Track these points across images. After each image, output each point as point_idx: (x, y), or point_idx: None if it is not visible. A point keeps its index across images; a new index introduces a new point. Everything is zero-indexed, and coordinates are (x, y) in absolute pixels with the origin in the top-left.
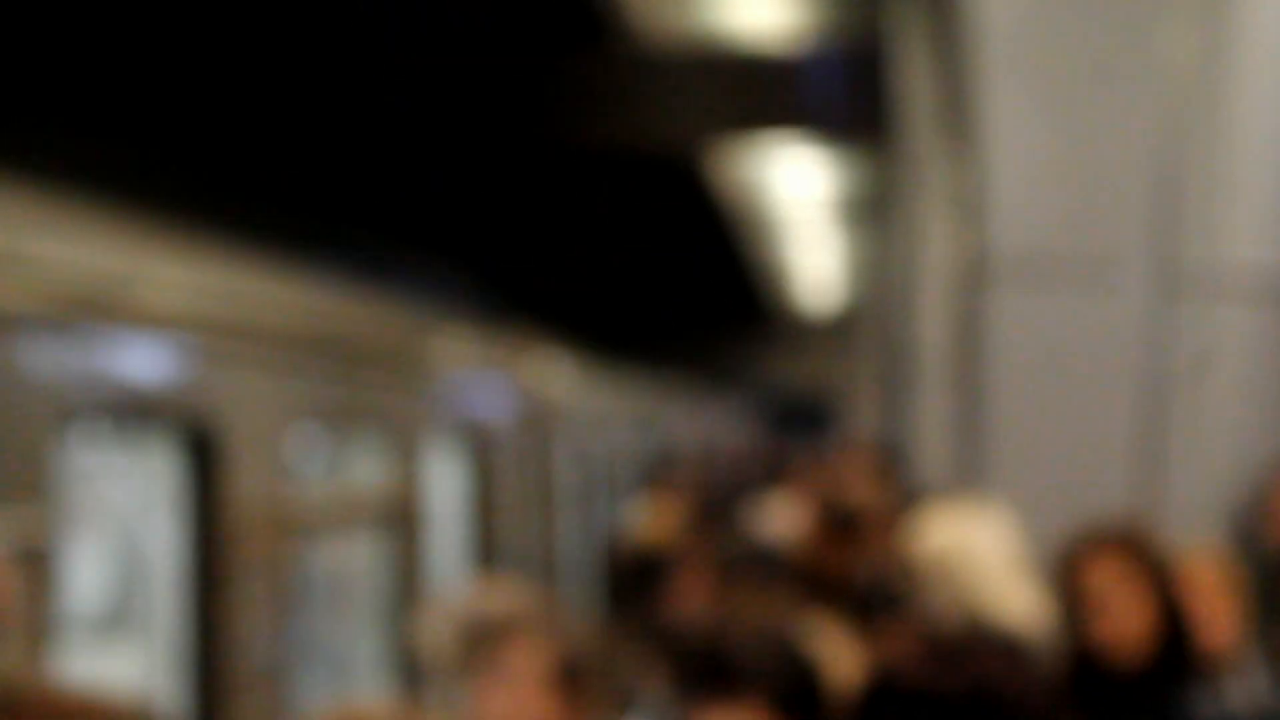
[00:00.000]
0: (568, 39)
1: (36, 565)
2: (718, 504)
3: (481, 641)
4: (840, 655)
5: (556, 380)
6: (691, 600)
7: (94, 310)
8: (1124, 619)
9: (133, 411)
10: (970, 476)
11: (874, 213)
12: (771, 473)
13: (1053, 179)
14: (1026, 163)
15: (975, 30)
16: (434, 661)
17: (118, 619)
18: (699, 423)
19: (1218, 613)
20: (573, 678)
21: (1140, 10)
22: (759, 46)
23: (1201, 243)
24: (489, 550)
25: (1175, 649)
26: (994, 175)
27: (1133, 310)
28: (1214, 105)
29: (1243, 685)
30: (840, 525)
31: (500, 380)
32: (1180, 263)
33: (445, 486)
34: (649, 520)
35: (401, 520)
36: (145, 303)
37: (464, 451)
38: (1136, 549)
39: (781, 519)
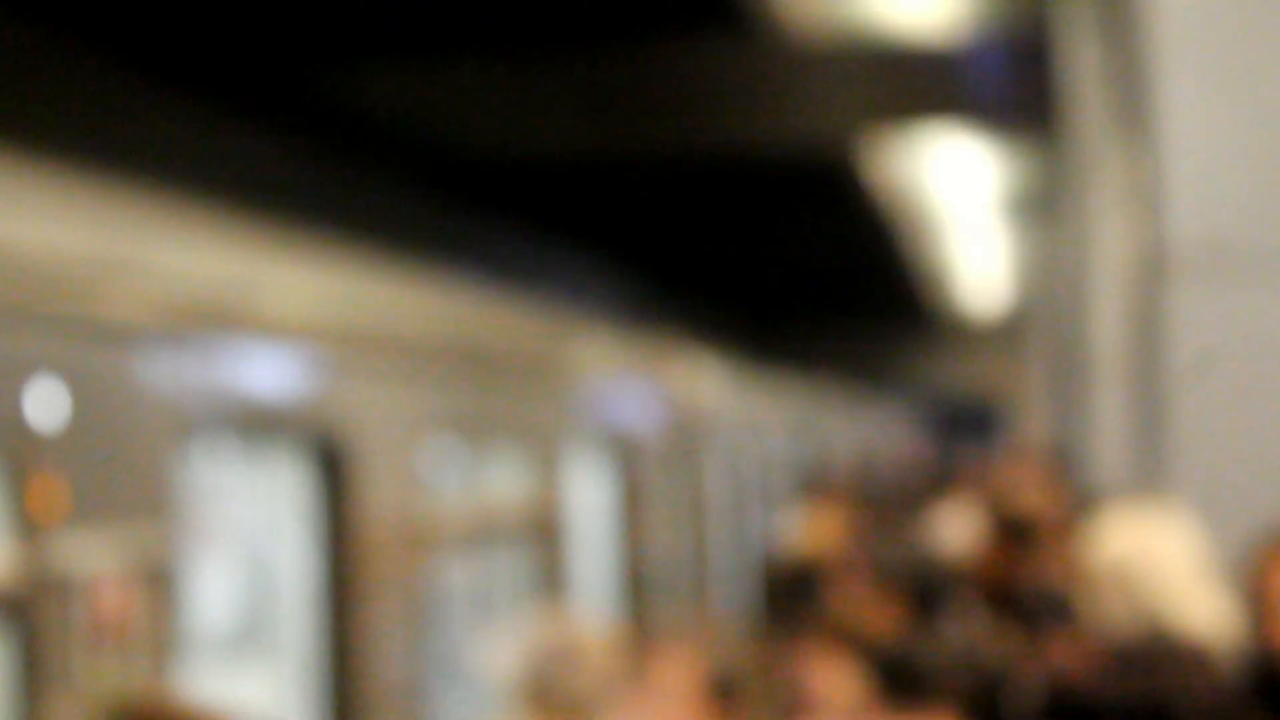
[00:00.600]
0: (713, 33)
1: (161, 583)
2: (879, 513)
3: (632, 659)
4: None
5: (707, 386)
6: (853, 609)
7: (218, 320)
8: None
9: (259, 425)
10: (1150, 480)
11: (1042, 208)
12: (937, 480)
13: (1234, 167)
14: (1206, 150)
15: (1149, 11)
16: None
17: (248, 637)
18: (858, 429)
19: None
20: (724, 691)
21: None
22: (915, 36)
23: None
24: (637, 562)
25: None
26: (1171, 164)
27: None
28: None
29: None
30: (1013, 534)
31: (648, 387)
32: None
33: (591, 497)
34: (807, 530)
35: (543, 533)
36: (271, 311)
37: (610, 461)
38: None
39: (951, 528)
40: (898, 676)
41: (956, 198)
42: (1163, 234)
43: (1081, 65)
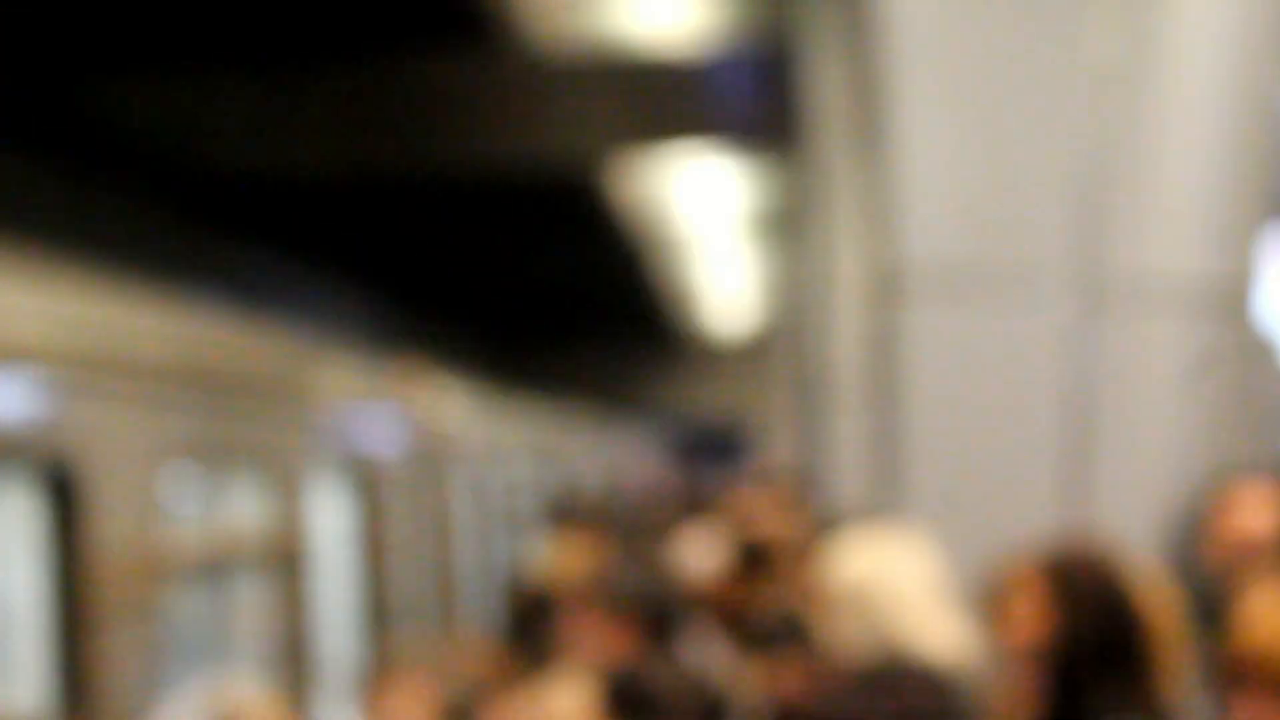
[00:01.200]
0: (458, 48)
1: None
2: (627, 539)
3: (368, 688)
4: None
5: (452, 410)
6: (589, 639)
7: None
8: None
9: None
10: (887, 502)
11: (786, 228)
12: (682, 505)
13: (970, 187)
14: (942, 170)
15: (887, 30)
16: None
17: None
18: (605, 454)
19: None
20: (455, 715)
21: (1061, 11)
22: (661, 52)
23: (1125, 252)
24: (380, 589)
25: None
26: (907, 183)
27: (1055, 323)
28: (1138, 109)
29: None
30: (750, 558)
31: (392, 411)
32: (1103, 273)
33: (333, 523)
34: (552, 557)
35: (284, 560)
36: None
37: (353, 487)
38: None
39: (691, 553)
40: (626, 699)
41: (702, 217)
42: (898, 252)
43: (822, 82)
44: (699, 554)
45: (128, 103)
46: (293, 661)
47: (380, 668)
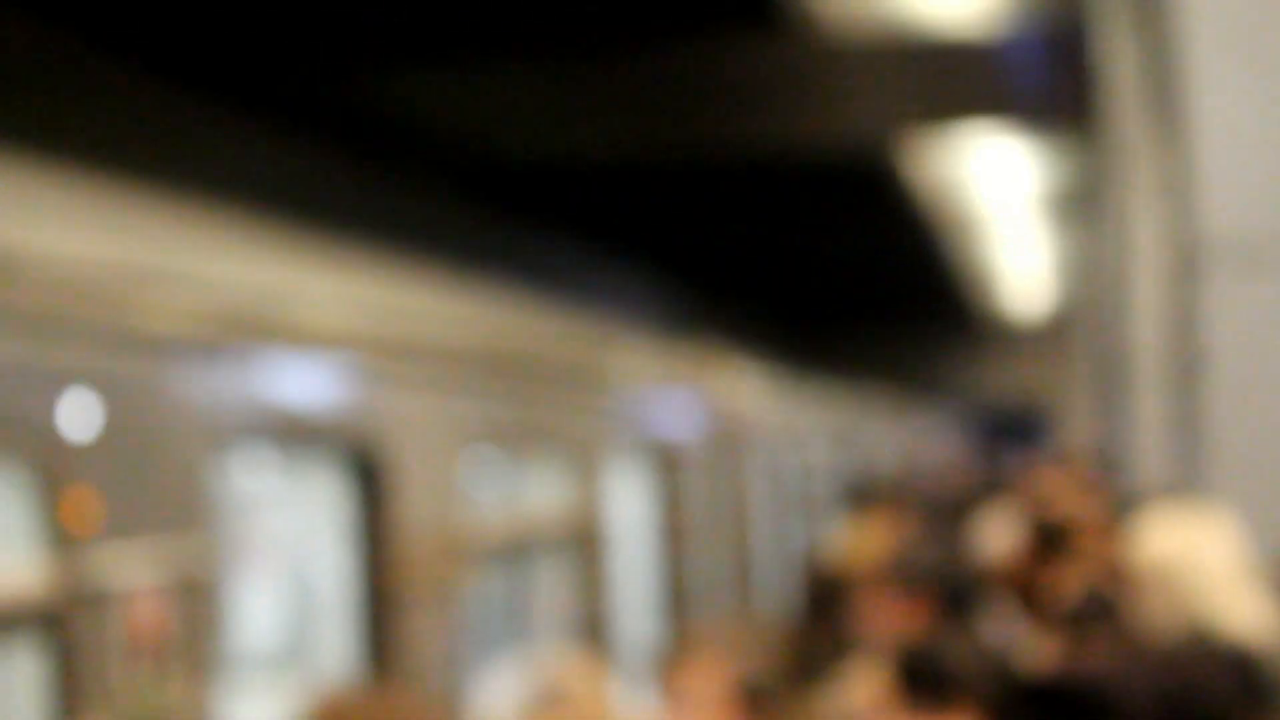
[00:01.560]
0: (749, 31)
1: (199, 596)
2: (925, 519)
3: (665, 668)
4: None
5: (748, 394)
6: (884, 618)
7: (253, 330)
8: None
9: (297, 436)
10: (1191, 481)
11: (1084, 207)
12: (981, 488)
13: (1270, 158)
14: (1241, 143)
15: (1183, 6)
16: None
17: (289, 652)
18: (902, 437)
19: None
20: (755, 697)
21: None
22: (952, 32)
23: None
24: (678, 570)
25: None
26: (1206, 157)
27: None
28: None
29: None
30: (1049, 539)
31: (689, 395)
32: None
33: (630, 507)
34: (851, 538)
35: (584, 544)
36: (309, 322)
37: (652, 470)
38: None
39: (989, 533)
40: (920, 676)
41: (998, 197)
42: (1199, 227)
43: (1117, 59)
44: (996, 534)
45: (419, 96)
46: (591, 642)
47: (677, 648)
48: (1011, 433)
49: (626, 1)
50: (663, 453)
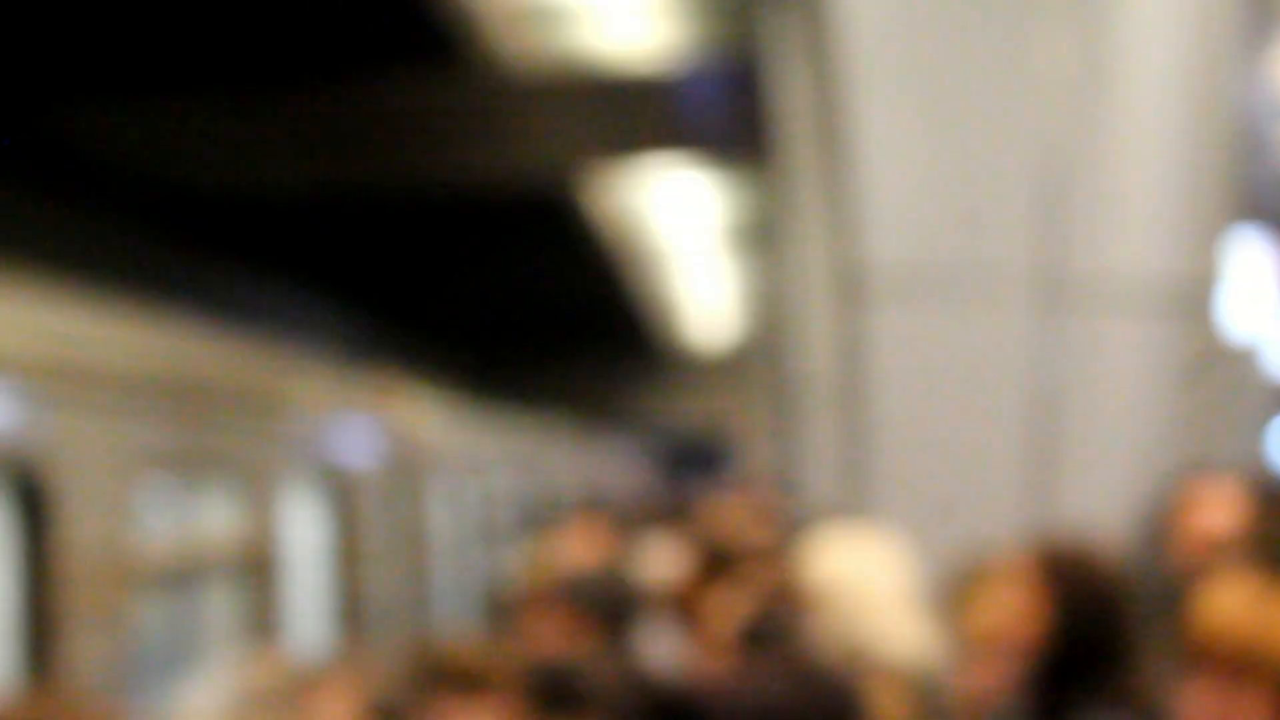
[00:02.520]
0: (429, 66)
1: None
2: (615, 537)
3: (293, 693)
4: None
5: (429, 422)
6: (552, 636)
7: None
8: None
9: None
10: (858, 505)
11: (761, 238)
12: (660, 512)
13: (931, 189)
14: (904, 173)
15: (848, 40)
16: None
17: None
18: (587, 465)
19: None
20: (385, 717)
21: (1017, 15)
22: (628, 67)
23: (1085, 253)
24: (355, 596)
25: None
26: (870, 187)
27: (1016, 323)
28: (1096, 111)
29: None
30: (714, 563)
31: (368, 423)
32: (1064, 274)
33: (306, 533)
34: (531, 558)
35: (254, 568)
36: None
37: (327, 496)
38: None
39: (662, 558)
40: (551, 692)
41: (678, 229)
42: (862, 255)
43: (789, 95)
44: (664, 556)
45: (104, 126)
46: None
47: (312, 671)
48: (694, 460)
49: (309, 36)
50: (339, 479)
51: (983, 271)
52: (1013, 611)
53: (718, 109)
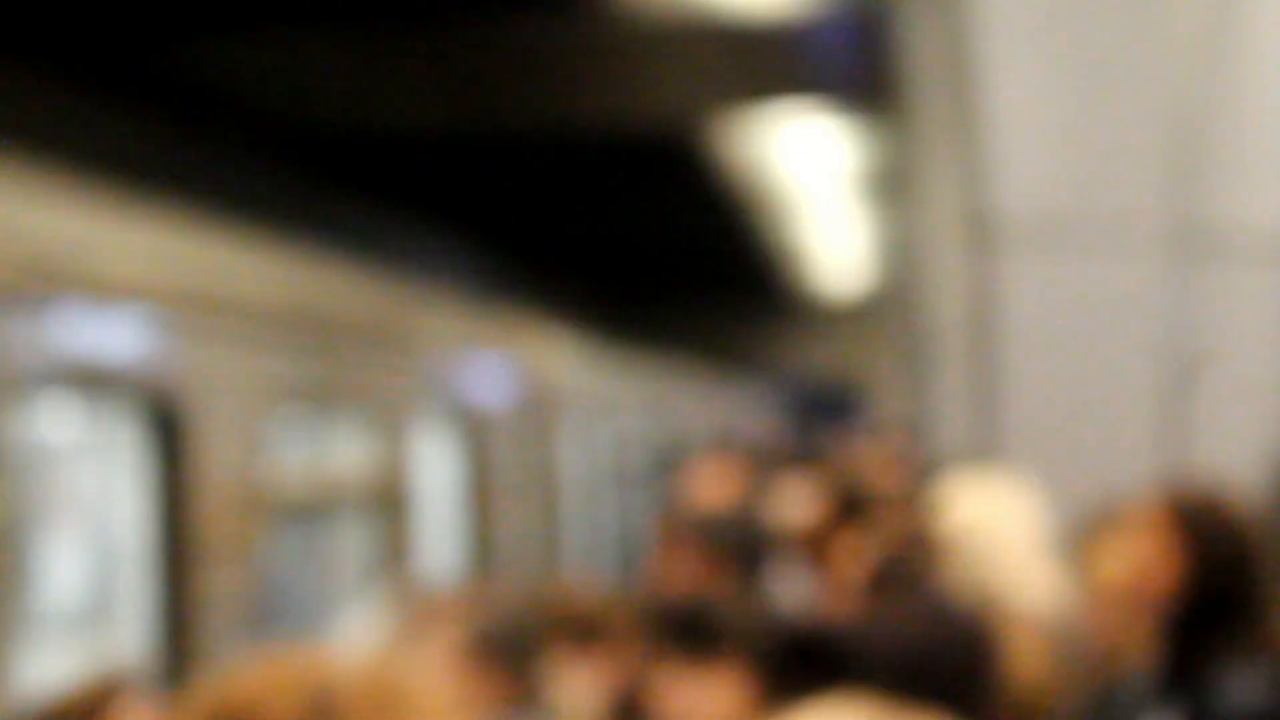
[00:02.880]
0: (557, 9)
1: None
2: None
3: (409, 619)
4: None
5: (561, 364)
6: (685, 575)
7: (51, 279)
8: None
9: (97, 388)
10: (990, 452)
11: (891, 187)
12: (792, 460)
13: (1064, 140)
14: (1036, 123)
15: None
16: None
17: (89, 610)
18: (717, 410)
19: None
20: (501, 650)
21: None
22: (757, 11)
23: (1219, 204)
24: (485, 539)
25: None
26: (1003, 137)
27: (1150, 273)
28: (1231, 61)
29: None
30: (848, 507)
31: (500, 362)
32: (1198, 224)
33: (439, 470)
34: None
35: (388, 504)
36: (103, 271)
37: (459, 434)
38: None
39: (796, 500)
40: (687, 631)
41: (806, 176)
42: (994, 205)
43: (918, 40)
44: (798, 499)
45: (230, 62)
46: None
47: (416, 604)
48: (825, 408)
49: None
50: (472, 416)
51: (1115, 221)
52: (1145, 561)
53: (846, 55)
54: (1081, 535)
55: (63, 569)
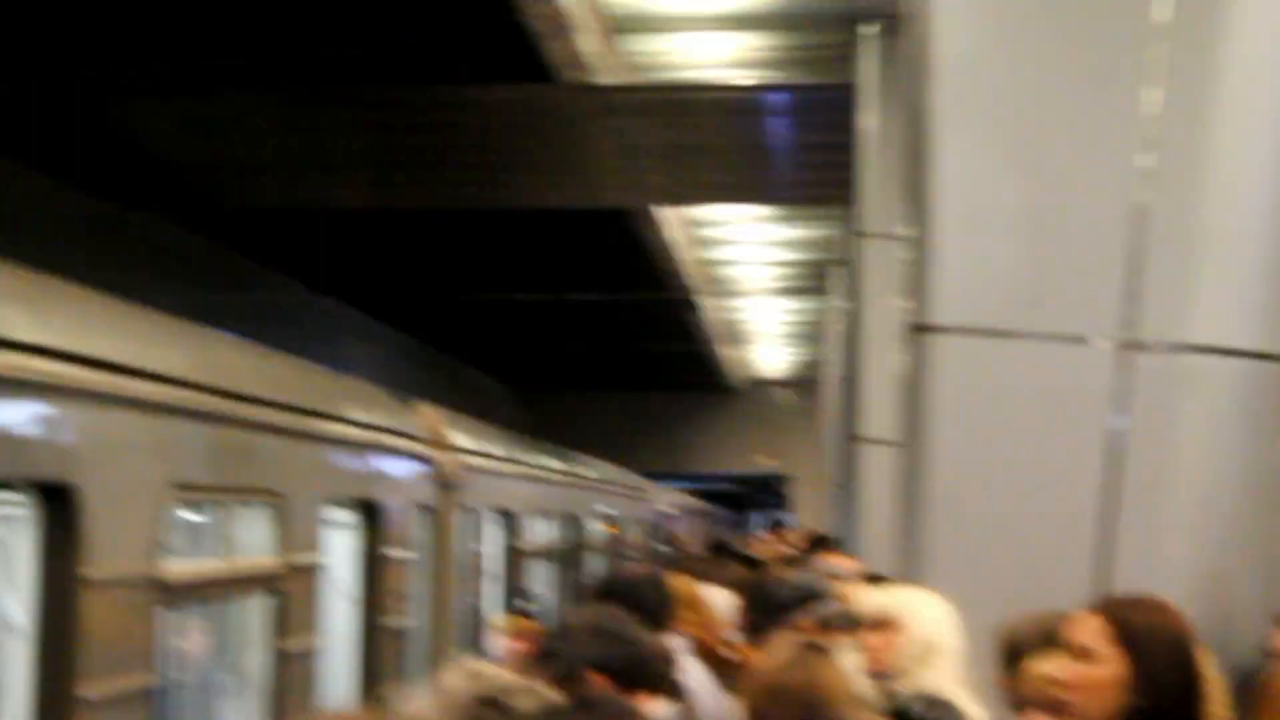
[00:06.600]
0: (501, 79)
1: None
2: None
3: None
4: None
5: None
6: None
7: None
8: None
9: None
10: (910, 559)
11: (826, 278)
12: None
13: (1007, 251)
14: (978, 232)
15: (933, 99)
16: None
17: None
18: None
19: None
20: None
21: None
22: (708, 91)
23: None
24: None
25: None
26: (938, 239)
27: (1094, 368)
28: (1181, 178)
29: None
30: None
31: (401, 452)
32: (1140, 339)
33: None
34: None
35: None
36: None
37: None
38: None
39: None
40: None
41: (747, 265)
42: (930, 303)
43: (869, 140)
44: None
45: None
46: None
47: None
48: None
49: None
50: (372, 505)
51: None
52: (1086, 665)
53: (798, 152)
54: (1011, 643)
55: None
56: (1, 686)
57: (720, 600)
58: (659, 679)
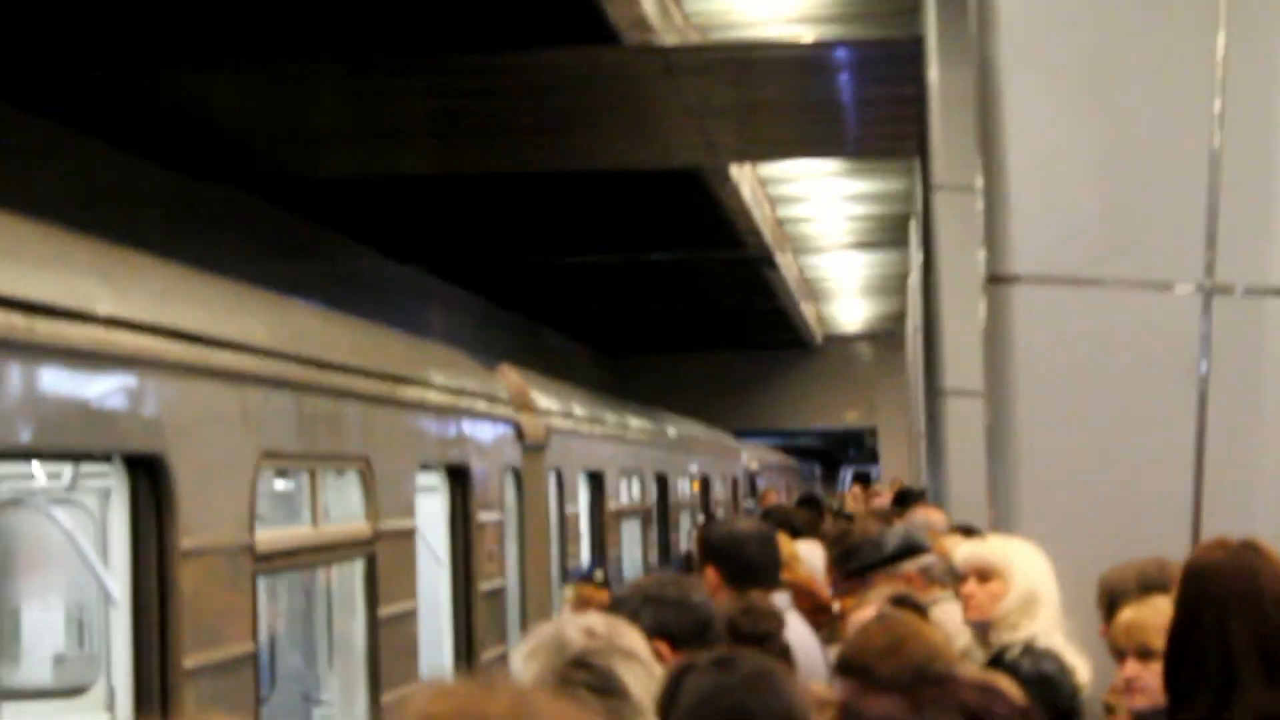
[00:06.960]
0: (569, 42)
1: None
2: None
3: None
4: None
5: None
6: None
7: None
8: None
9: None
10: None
11: (906, 231)
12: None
13: (1072, 191)
14: (1055, 179)
15: (1002, 38)
16: None
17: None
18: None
19: None
20: None
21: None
22: (782, 50)
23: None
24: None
25: None
26: (1015, 188)
27: (1178, 313)
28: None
29: None
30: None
31: (493, 417)
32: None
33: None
34: None
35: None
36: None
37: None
38: None
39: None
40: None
41: (828, 221)
42: (1006, 254)
43: (943, 90)
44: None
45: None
46: None
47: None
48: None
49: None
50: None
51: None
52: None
53: (868, 103)
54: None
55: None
56: (101, 658)
57: (813, 555)
58: (716, 640)
